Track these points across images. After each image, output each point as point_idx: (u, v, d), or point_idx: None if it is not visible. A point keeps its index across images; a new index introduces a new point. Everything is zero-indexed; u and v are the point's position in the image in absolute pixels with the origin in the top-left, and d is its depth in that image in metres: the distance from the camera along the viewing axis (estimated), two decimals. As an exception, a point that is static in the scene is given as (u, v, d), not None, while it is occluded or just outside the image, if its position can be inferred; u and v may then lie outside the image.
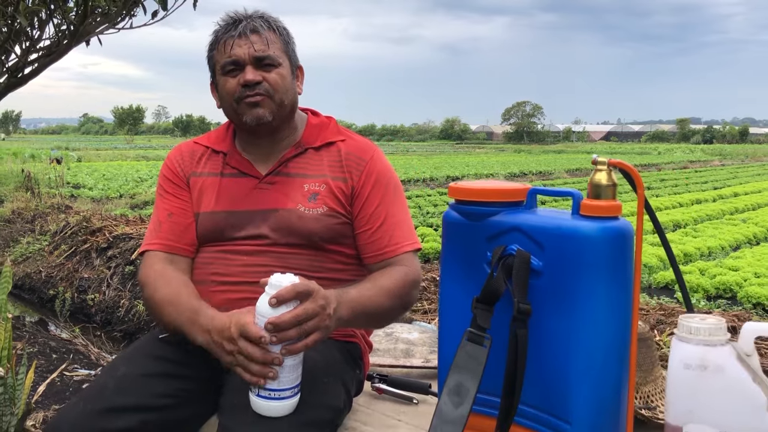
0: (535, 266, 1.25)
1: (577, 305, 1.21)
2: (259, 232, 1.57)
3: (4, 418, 2.41)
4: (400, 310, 1.56)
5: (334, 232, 1.57)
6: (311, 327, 1.27)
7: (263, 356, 1.26)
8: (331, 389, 1.43)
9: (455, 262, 1.38)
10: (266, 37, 1.57)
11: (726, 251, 8.28)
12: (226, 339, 1.31)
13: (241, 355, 1.28)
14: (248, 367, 1.28)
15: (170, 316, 1.46)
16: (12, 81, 4.32)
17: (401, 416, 1.63)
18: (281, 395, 1.27)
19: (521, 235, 1.28)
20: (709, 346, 1.08)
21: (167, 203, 1.65)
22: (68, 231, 7.42)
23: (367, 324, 1.61)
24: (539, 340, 1.24)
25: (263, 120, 1.57)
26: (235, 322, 1.30)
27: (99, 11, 4.40)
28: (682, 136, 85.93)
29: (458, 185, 1.38)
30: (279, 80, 1.57)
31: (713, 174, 23.74)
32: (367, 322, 1.55)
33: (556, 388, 1.24)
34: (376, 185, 1.61)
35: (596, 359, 1.21)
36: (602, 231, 1.20)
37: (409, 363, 1.95)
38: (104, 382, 1.45)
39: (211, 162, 1.67)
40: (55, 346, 4.41)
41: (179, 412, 1.45)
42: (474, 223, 1.34)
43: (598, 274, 1.20)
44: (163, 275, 1.54)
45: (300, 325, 1.25)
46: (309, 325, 1.26)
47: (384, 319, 1.59)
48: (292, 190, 1.59)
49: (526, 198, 1.33)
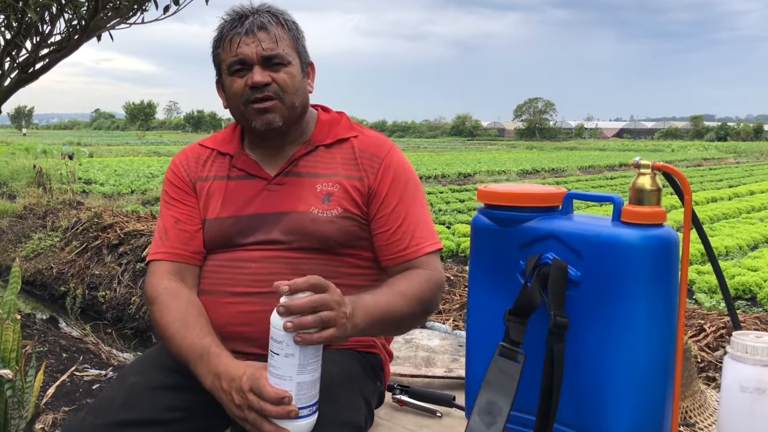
0: (572, 276, 1.17)
1: (618, 318, 1.13)
2: (269, 237, 1.48)
3: (13, 421, 2.36)
4: (421, 316, 1.48)
5: (350, 235, 1.49)
6: (327, 318, 1.18)
7: (278, 412, 1.18)
8: (352, 404, 1.35)
9: (485, 271, 1.30)
10: (275, 33, 1.48)
11: (744, 251, 8.16)
12: (236, 390, 1.24)
13: (252, 412, 1.21)
14: (260, 426, 1.20)
15: (178, 347, 1.39)
16: (23, 76, 4.27)
17: (424, 430, 1.56)
18: (300, 413, 1.20)
19: (557, 242, 1.20)
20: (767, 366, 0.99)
21: (173, 210, 1.57)
22: (79, 227, 7.43)
23: (386, 332, 1.52)
24: (576, 355, 1.16)
25: (273, 126, 1.49)
26: (249, 375, 1.23)
27: (110, 6, 4.35)
28: (696, 133, 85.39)
29: (488, 188, 1.30)
30: (289, 80, 1.49)
31: (728, 172, 23.52)
32: (386, 329, 1.47)
33: (593, 406, 1.16)
34: (393, 183, 1.53)
35: (637, 376, 1.13)
36: (645, 239, 1.12)
37: (431, 372, 1.87)
38: (113, 396, 1.38)
39: (217, 165, 1.59)
40: (66, 345, 4.39)
41: (188, 425, 1.38)
42: (506, 229, 1.26)
43: (641, 285, 1.12)
44: (172, 293, 1.46)
45: (316, 312, 1.17)
46: (325, 315, 1.18)
47: (404, 325, 1.50)
48: (303, 192, 1.51)
49: (562, 203, 1.25)
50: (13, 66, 4.30)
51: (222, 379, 1.27)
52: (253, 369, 1.24)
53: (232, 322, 1.43)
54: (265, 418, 1.20)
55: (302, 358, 1.17)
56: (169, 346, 1.41)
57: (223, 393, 1.26)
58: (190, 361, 1.35)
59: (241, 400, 1.22)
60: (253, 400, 1.20)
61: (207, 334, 1.38)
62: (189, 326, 1.39)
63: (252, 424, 1.21)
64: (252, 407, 1.20)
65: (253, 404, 1.20)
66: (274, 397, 1.18)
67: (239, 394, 1.22)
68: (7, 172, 13.96)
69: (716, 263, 1.21)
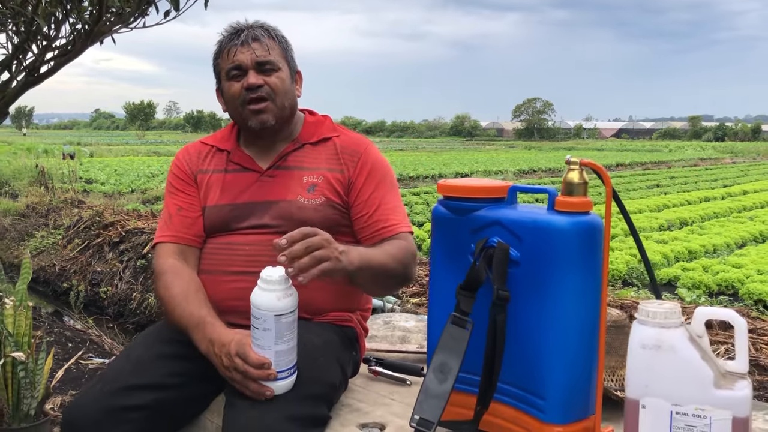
0: (513, 257, 1.37)
1: (551, 292, 1.33)
2: (261, 222, 1.70)
3: (25, 400, 2.55)
4: (401, 278, 1.68)
5: (332, 221, 1.70)
6: (320, 255, 1.38)
7: (259, 374, 1.38)
8: (327, 367, 1.56)
9: (443, 253, 1.50)
10: (266, 44, 1.71)
11: (731, 249, 8.32)
12: (225, 354, 1.44)
13: (238, 373, 1.41)
14: (246, 385, 1.40)
15: (179, 317, 1.59)
16: (29, 79, 4.44)
17: (394, 396, 1.75)
18: (279, 375, 1.40)
19: (501, 228, 1.40)
20: (663, 328, 1.19)
21: (177, 199, 1.78)
22: (81, 225, 7.56)
23: (372, 281, 1.64)
24: (516, 324, 1.36)
25: (267, 125, 1.71)
26: (236, 341, 1.43)
27: (113, 11, 4.52)
28: (694, 133, 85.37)
29: (446, 182, 1.50)
30: (279, 83, 1.71)
31: (724, 172, 23.68)
32: (373, 278, 1.61)
33: (531, 367, 1.36)
34: (370, 175, 1.75)
35: (568, 341, 1.33)
36: (574, 225, 1.32)
37: (404, 348, 2.08)
38: (121, 365, 1.58)
39: (216, 159, 1.81)
40: (71, 336, 4.57)
41: (190, 389, 1.59)
42: (459, 217, 1.46)
43: (570, 263, 1.32)
44: (175, 271, 1.67)
45: (309, 254, 1.36)
46: (318, 254, 1.37)
47: (387, 280, 1.67)
48: (291, 182, 1.73)
49: (507, 195, 1.45)
50: (19, 69, 4.48)
51: (214, 345, 1.48)
52: (240, 336, 1.45)
53: (228, 297, 1.63)
54: (251, 378, 1.40)
55: (278, 331, 1.38)
56: (172, 316, 1.62)
57: (215, 356, 1.47)
58: (189, 328, 1.56)
59: (229, 363, 1.43)
60: (239, 364, 1.41)
61: (204, 306, 1.59)
62: (189, 299, 1.60)
63: (239, 384, 1.42)
64: (238, 370, 1.41)
65: (239, 367, 1.41)
66: (256, 362, 1.39)
67: (228, 358, 1.43)
68: (9, 172, 14.11)
69: (637, 237, 1.40)
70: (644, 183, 17.71)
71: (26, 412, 2.56)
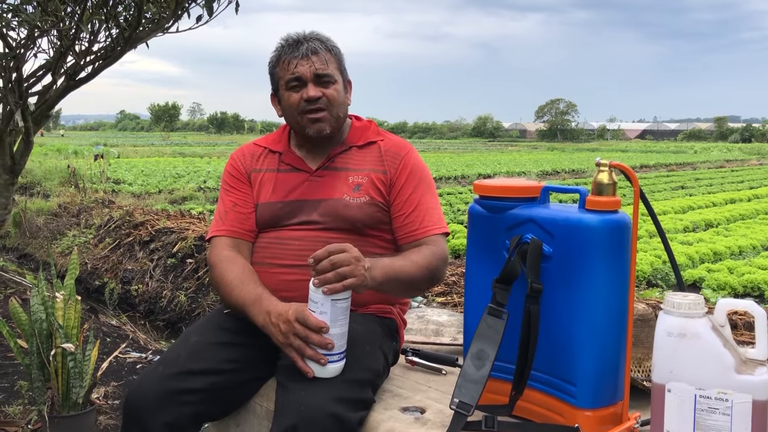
0: (546, 252, 1.47)
1: (581, 285, 1.42)
2: (310, 218, 1.82)
3: (74, 389, 2.68)
4: (428, 282, 1.78)
5: (374, 219, 1.82)
6: (344, 272, 1.49)
7: (319, 340, 1.49)
8: (372, 355, 1.67)
9: (478, 249, 1.60)
10: (325, 57, 1.82)
11: (757, 251, 8.28)
12: (283, 321, 1.55)
13: (297, 338, 1.51)
14: (303, 350, 1.51)
15: (236, 297, 1.70)
16: (70, 84, 4.62)
17: (431, 383, 1.85)
18: (330, 359, 1.51)
19: (535, 225, 1.49)
20: (688, 317, 1.28)
21: (232, 196, 1.91)
22: (112, 225, 7.72)
23: (399, 290, 1.78)
24: (549, 315, 1.46)
25: (323, 133, 1.83)
26: (294, 309, 1.55)
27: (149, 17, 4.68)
28: (720, 134, 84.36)
29: (482, 183, 1.60)
30: (335, 95, 1.82)
31: (750, 173, 23.43)
32: (398, 288, 1.75)
33: (563, 355, 1.45)
34: (410, 176, 1.86)
35: (597, 331, 1.42)
36: (603, 222, 1.41)
37: (438, 341, 2.18)
38: (179, 351, 1.70)
39: (268, 160, 1.93)
40: (107, 331, 4.72)
41: (243, 374, 1.70)
42: (495, 215, 1.56)
43: (600, 258, 1.41)
44: (231, 260, 1.79)
45: (334, 269, 1.48)
46: (342, 270, 1.49)
47: (413, 287, 1.78)
48: (338, 182, 1.84)
49: (540, 194, 1.55)
50: (61, 73, 4.66)
51: (271, 315, 1.59)
52: (297, 305, 1.56)
53: (278, 288, 1.74)
54: (307, 344, 1.51)
55: (333, 315, 1.49)
56: (229, 298, 1.73)
57: (272, 326, 1.58)
58: (246, 305, 1.67)
59: (287, 329, 1.54)
60: (299, 328, 1.52)
61: (259, 285, 1.71)
62: (245, 281, 1.72)
63: (296, 349, 1.53)
64: (297, 334, 1.52)
65: (299, 331, 1.52)
66: (315, 325, 1.50)
67: (286, 324, 1.54)
68: (41, 172, 14.41)
69: (663, 233, 1.49)
70: (669, 184, 17.62)
71: (75, 401, 2.69)
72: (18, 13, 4.01)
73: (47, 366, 2.68)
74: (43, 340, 2.68)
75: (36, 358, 2.67)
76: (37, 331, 2.67)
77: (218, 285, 1.78)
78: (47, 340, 2.68)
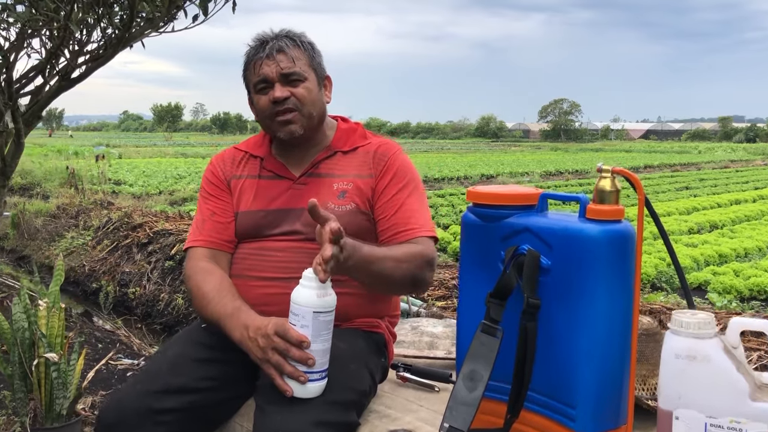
0: (543, 264, 1.36)
1: (582, 301, 1.31)
2: (292, 228, 1.72)
3: (58, 400, 2.59)
4: (408, 283, 1.64)
5: (361, 227, 1.71)
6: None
7: (299, 355, 1.39)
8: (357, 374, 1.57)
9: (471, 261, 1.50)
10: (291, 54, 1.71)
11: (763, 252, 8.20)
12: (262, 335, 1.45)
13: (276, 353, 1.41)
14: (282, 367, 1.41)
15: (213, 310, 1.61)
16: (62, 84, 4.53)
17: (423, 402, 1.75)
18: (311, 377, 1.41)
19: (532, 235, 1.39)
20: (697, 338, 1.18)
21: (210, 204, 1.81)
22: (110, 226, 7.67)
23: (371, 283, 1.63)
24: (547, 332, 1.35)
25: (295, 135, 1.72)
26: (274, 322, 1.44)
27: (143, 16, 4.59)
28: (724, 134, 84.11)
29: (476, 189, 1.49)
30: (306, 94, 1.72)
31: (755, 174, 23.31)
32: (370, 280, 1.60)
33: (562, 376, 1.35)
34: (394, 177, 1.75)
35: (598, 350, 1.31)
36: (605, 233, 1.31)
37: (432, 354, 2.07)
38: (158, 366, 1.60)
39: (249, 165, 1.83)
40: (100, 336, 4.64)
41: (221, 393, 1.61)
42: (489, 224, 1.46)
43: (601, 272, 1.30)
44: (208, 271, 1.69)
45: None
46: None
47: (387, 284, 1.64)
48: (322, 189, 1.74)
49: (537, 202, 1.44)
50: (53, 74, 4.57)
51: (249, 329, 1.49)
52: (278, 319, 1.46)
53: (257, 302, 1.64)
54: (286, 360, 1.41)
55: (315, 329, 1.39)
56: (205, 310, 1.64)
57: (249, 340, 1.48)
58: (222, 318, 1.57)
59: (265, 343, 1.44)
60: (278, 341, 1.41)
61: (237, 298, 1.61)
62: (222, 293, 1.62)
63: (275, 365, 1.42)
64: (276, 348, 1.41)
65: (278, 345, 1.41)
66: (296, 338, 1.39)
67: (265, 338, 1.44)
68: (41, 173, 14.37)
69: (671, 247, 1.39)
70: (673, 185, 17.51)
71: (58, 412, 2.60)
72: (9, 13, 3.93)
73: (30, 376, 2.59)
74: (26, 350, 2.59)
75: (18, 368, 2.58)
76: (19, 340, 2.59)
77: (194, 297, 1.69)
78: (29, 349, 2.60)
